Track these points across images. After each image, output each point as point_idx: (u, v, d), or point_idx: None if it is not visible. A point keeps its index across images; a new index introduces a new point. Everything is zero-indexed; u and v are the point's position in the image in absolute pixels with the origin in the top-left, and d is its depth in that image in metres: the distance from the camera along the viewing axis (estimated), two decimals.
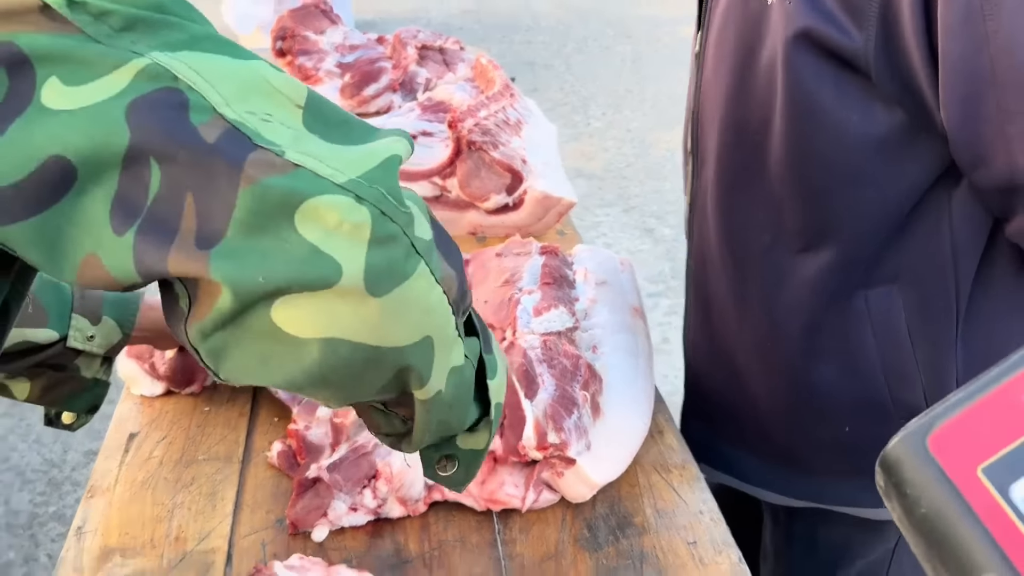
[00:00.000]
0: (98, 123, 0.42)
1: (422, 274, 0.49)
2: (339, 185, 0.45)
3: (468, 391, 0.59)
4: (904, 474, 0.36)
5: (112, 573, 0.87)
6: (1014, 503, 0.32)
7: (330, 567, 0.83)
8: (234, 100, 0.45)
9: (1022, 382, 0.35)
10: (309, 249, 0.45)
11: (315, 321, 0.46)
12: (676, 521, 0.91)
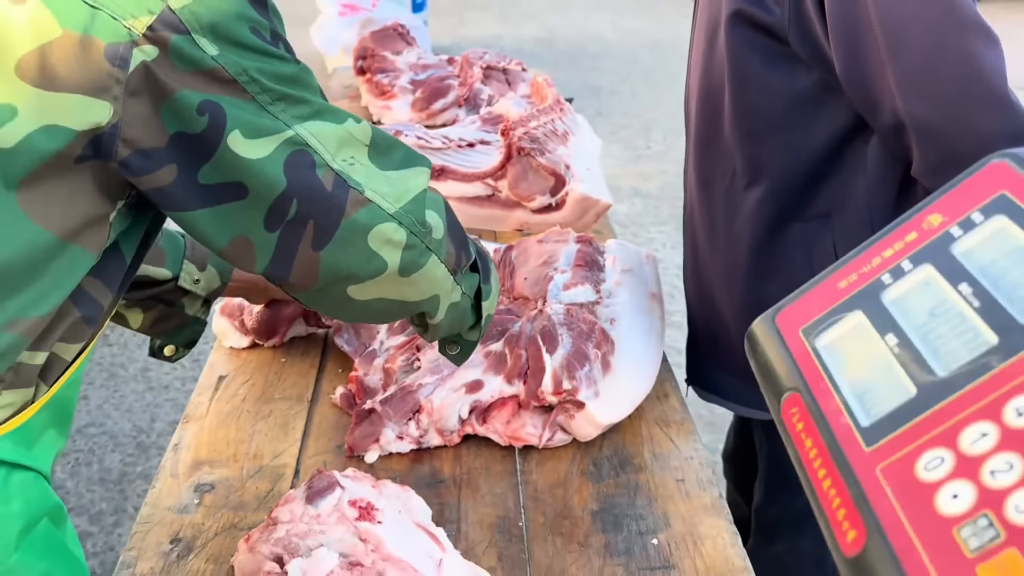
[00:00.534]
0: (266, 171, 0.69)
1: (432, 262, 0.82)
2: (391, 215, 0.76)
3: (464, 313, 0.93)
4: (758, 340, 0.53)
5: (201, 479, 1.07)
6: (816, 349, 0.48)
7: (378, 481, 1.01)
8: (337, 154, 0.73)
9: (841, 274, 0.52)
10: (372, 254, 0.76)
11: (370, 292, 0.80)
12: (669, 463, 1.07)
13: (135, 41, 0.62)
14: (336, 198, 0.73)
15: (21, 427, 0.71)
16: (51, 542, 0.76)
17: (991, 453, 0.36)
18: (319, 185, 0.71)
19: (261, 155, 0.68)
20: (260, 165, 0.68)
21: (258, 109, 0.68)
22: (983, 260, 0.44)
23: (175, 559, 0.95)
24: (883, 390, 0.42)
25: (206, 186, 0.69)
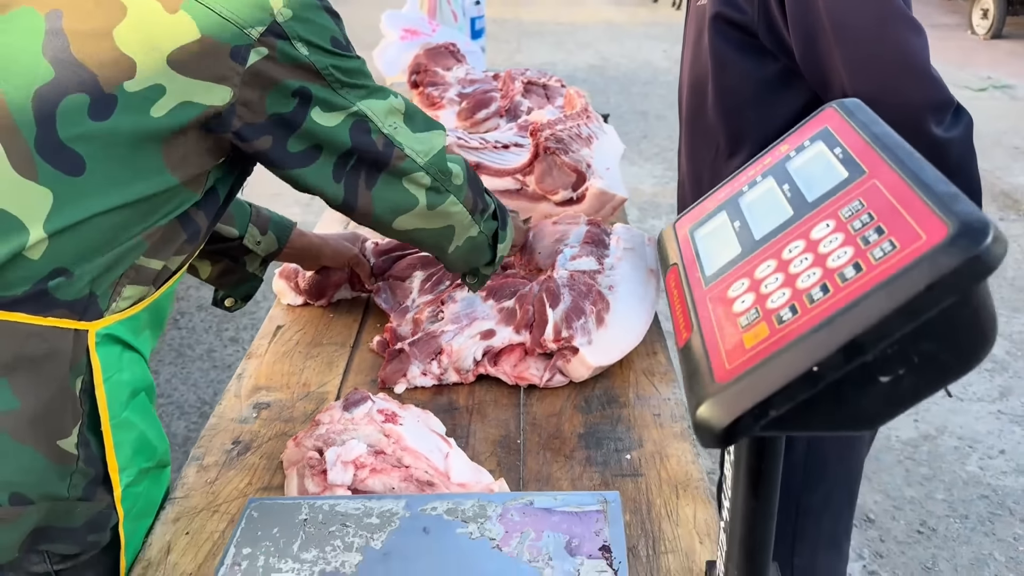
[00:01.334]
0: (337, 135, 0.96)
1: (451, 201, 1.09)
2: (420, 165, 1.04)
3: (481, 247, 1.19)
4: (663, 238, 0.73)
5: (259, 399, 1.29)
6: (694, 237, 0.68)
7: (403, 406, 1.22)
8: (386, 121, 1.00)
9: (720, 190, 0.71)
10: (407, 193, 1.05)
11: (408, 220, 1.07)
12: (649, 403, 1.26)
13: (252, 44, 0.86)
14: (384, 153, 1.01)
15: (133, 317, 0.94)
16: (147, 411, 0.98)
17: (768, 276, 0.55)
18: (374, 145, 0.99)
19: (334, 124, 0.95)
20: (333, 131, 0.95)
21: (332, 92, 0.94)
22: (802, 169, 0.63)
23: (235, 455, 1.17)
24: (723, 252, 0.62)
25: (293, 152, 0.95)
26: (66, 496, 0.88)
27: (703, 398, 0.51)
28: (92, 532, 0.92)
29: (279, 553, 0.86)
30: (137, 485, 0.97)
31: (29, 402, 0.85)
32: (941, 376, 0.49)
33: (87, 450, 0.90)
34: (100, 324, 0.90)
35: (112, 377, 0.91)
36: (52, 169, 0.83)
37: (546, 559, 0.83)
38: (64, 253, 0.86)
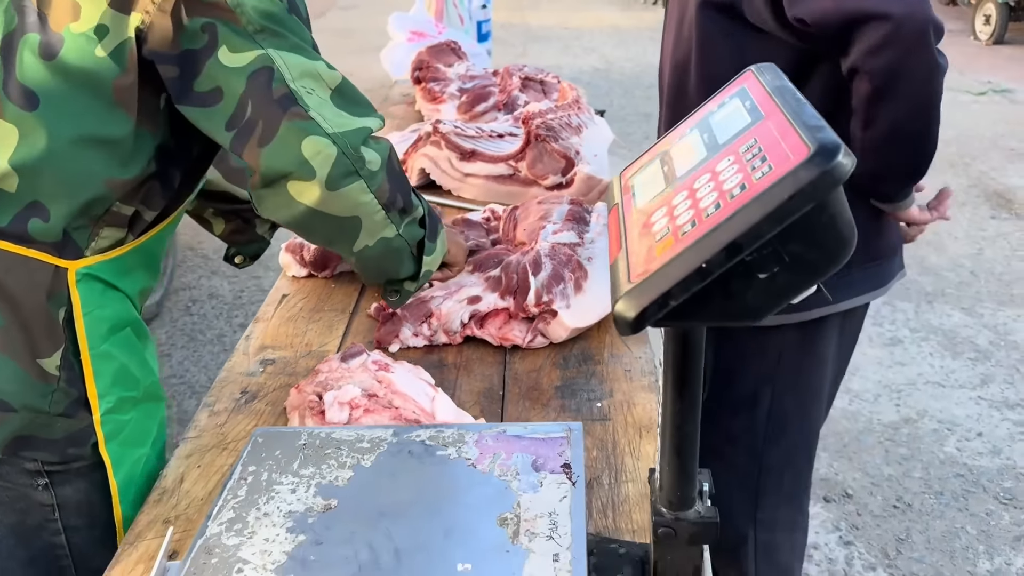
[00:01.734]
0: (237, 79, 0.94)
1: (359, 186, 1.00)
2: (327, 133, 0.96)
3: (399, 254, 1.11)
4: (611, 187, 0.84)
5: (265, 356, 1.41)
6: (632, 183, 0.79)
7: (396, 361, 1.34)
8: (296, 79, 0.96)
9: (658, 143, 0.82)
10: (302, 159, 0.96)
11: (304, 196, 0.98)
12: (622, 360, 1.37)
13: None
14: (280, 105, 0.94)
15: (116, 259, 1.05)
16: (131, 346, 1.09)
17: (680, 203, 0.67)
18: (269, 94, 0.95)
19: (238, 64, 0.94)
20: (235, 72, 0.94)
21: (243, 34, 0.94)
22: (721, 122, 0.74)
23: (243, 403, 1.29)
24: (652, 190, 0.73)
25: (198, 92, 0.96)
26: (47, 410, 1.01)
27: (620, 296, 0.62)
28: (71, 446, 1.04)
29: (280, 470, 0.98)
30: (120, 413, 1.08)
31: (12, 321, 0.98)
32: (810, 274, 0.60)
33: (70, 372, 1.02)
34: (80, 264, 1.01)
35: (92, 312, 1.03)
36: (14, 106, 0.94)
37: (514, 473, 0.95)
38: (35, 187, 0.97)
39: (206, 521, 0.91)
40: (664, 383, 0.75)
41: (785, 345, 1.47)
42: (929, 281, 3.77)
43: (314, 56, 0.99)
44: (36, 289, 0.98)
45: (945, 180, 4.94)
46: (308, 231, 1.05)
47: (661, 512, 0.81)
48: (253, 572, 0.84)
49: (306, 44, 0.98)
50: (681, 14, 1.51)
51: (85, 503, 1.09)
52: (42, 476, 1.05)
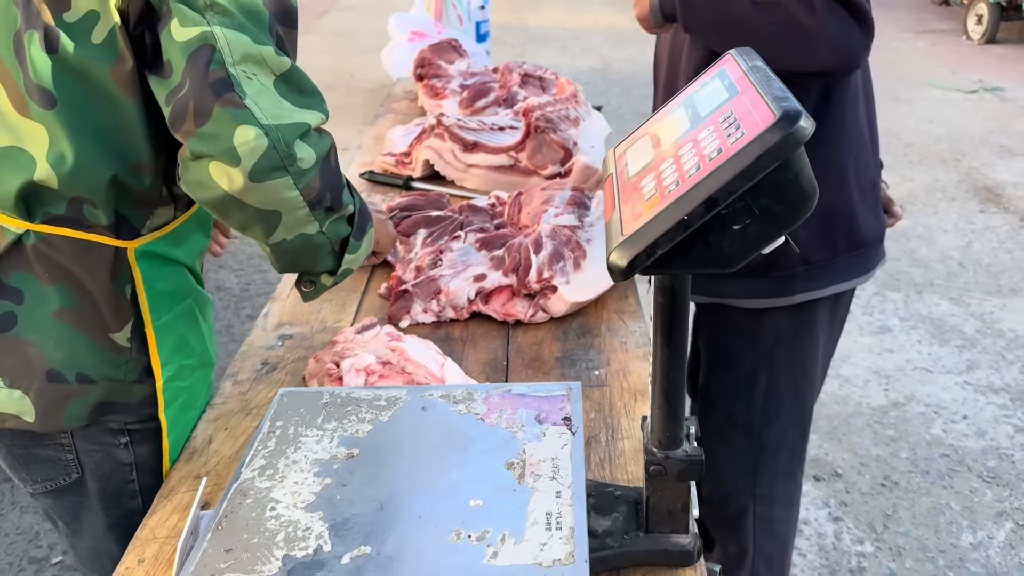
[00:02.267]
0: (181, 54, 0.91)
1: (284, 182, 0.95)
2: (261, 124, 0.92)
3: (317, 251, 1.07)
4: (606, 160, 0.93)
5: (282, 332, 1.50)
6: (625, 155, 0.89)
7: (403, 337, 1.43)
8: (237, 63, 0.91)
9: (649, 120, 0.91)
10: (232, 148, 0.91)
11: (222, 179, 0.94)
12: (618, 334, 1.46)
13: None
14: (213, 89, 0.90)
15: (172, 233, 1.13)
16: (191, 318, 1.19)
17: (667, 168, 0.76)
18: (205, 76, 0.90)
19: (182, 39, 0.91)
20: (179, 47, 0.91)
21: (196, 6, 0.91)
22: (703, 100, 0.84)
23: (264, 373, 1.38)
24: (642, 160, 0.82)
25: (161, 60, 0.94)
26: (122, 379, 1.11)
27: (613, 247, 0.72)
28: (146, 407, 1.14)
29: (305, 424, 1.07)
30: (181, 380, 1.17)
31: (86, 302, 1.06)
32: (778, 226, 0.69)
33: (139, 343, 1.11)
34: (137, 243, 1.09)
35: (153, 287, 1.11)
36: (36, 106, 0.97)
37: (519, 426, 1.04)
38: (73, 183, 1.00)
39: (239, 468, 1.00)
40: (653, 334, 0.85)
41: (780, 330, 1.56)
42: (918, 272, 3.87)
43: (263, 38, 0.94)
44: (100, 270, 1.05)
45: (935, 175, 5.04)
46: (223, 215, 0.99)
47: (653, 452, 0.90)
48: (285, 510, 0.93)
49: (259, 27, 0.94)
50: None
51: (159, 464, 1.18)
52: (124, 435, 1.14)
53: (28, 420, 1.08)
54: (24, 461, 1.15)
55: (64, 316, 1.06)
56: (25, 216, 1.03)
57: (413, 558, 0.85)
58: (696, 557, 0.95)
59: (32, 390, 1.07)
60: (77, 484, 1.17)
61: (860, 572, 2.21)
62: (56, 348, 1.06)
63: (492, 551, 0.85)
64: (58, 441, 1.13)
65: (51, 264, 1.05)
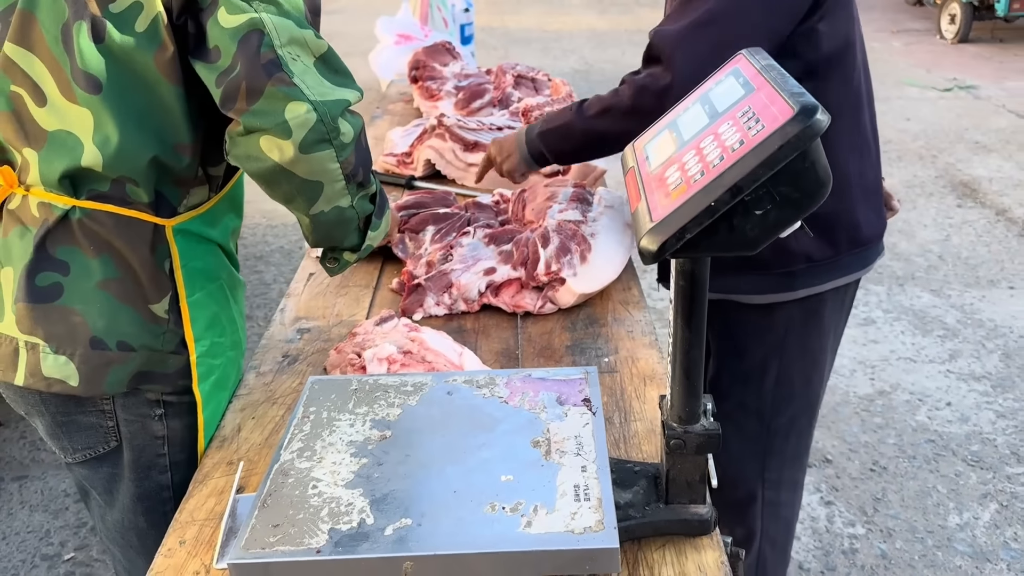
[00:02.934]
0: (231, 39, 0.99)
1: (328, 154, 1.05)
2: (309, 100, 1.01)
3: (347, 224, 1.16)
4: (624, 155, 0.99)
5: (300, 326, 1.55)
6: (646, 150, 0.95)
7: (420, 328, 1.48)
8: (284, 45, 1.01)
9: (674, 112, 0.97)
10: (284, 121, 1.00)
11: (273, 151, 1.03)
12: (624, 323, 1.52)
13: None
14: (265, 70, 0.99)
15: (207, 212, 1.19)
16: (222, 297, 1.23)
17: (690, 160, 0.82)
18: (257, 58, 0.99)
19: (231, 25, 0.99)
20: (229, 32, 0.99)
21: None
22: (719, 95, 0.90)
23: (286, 365, 1.43)
24: (663, 153, 0.89)
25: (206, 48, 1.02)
26: (160, 348, 1.16)
27: (644, 233, 0.78)
28: (181, 378, 1.19)
29: (337, 409, 1.12)
30: (213, 357, 1.22)
31: (127, 274, 1.13)
32: (795, 210, 0.75)
33: (176, 315, 1.17)
34: (175, 221, 1.15)
35: (188, 265, 1.17)
36: (82, 92, 1.03)
37: (541, 407, 1.10)
38: (118, 165, 1.06)
39: (278, 451, 1.05)
40: (674, 315, 0.91)
41: (790, 322, 1.62)
42: (900, 266, 3.97)
43: (304, 24, 1.03)
44: (141, 244, 1.12)
45: (913, 172, 5.16)
46: (271, 186, 1.08)
47: (673, 427, 0.96)
48: (326, 487, 0.98)
49: (298, 12, 1.03)
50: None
51: (189, 439, 1.23)
52: (159, 406, 1.19)
53: (72, 384, 1.13)
54: (67, 429, 1.20)
55: (107, 287, 1.12)
56: (72, 193, 1.10)
57: (453, 528, 0.91)
58: (713, 526, 1.01)
59: (77, 356, 1.12)
60: (114, 454, 1.22)
61: (852, 553, 2.29)
62: (99, 317, 1.12)
63: (526, 520, 0.91)
64: (100, 408, 1.18)
65: (96, 238, 1.11)
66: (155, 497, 1.23)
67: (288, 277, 3.66)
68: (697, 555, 0.99)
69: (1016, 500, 2.46)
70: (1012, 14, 8.31)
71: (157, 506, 1.24)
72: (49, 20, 1.03)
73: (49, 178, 1.08)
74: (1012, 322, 3.44)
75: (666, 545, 1.01)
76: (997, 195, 4.78)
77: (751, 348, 1.66)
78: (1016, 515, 2.40)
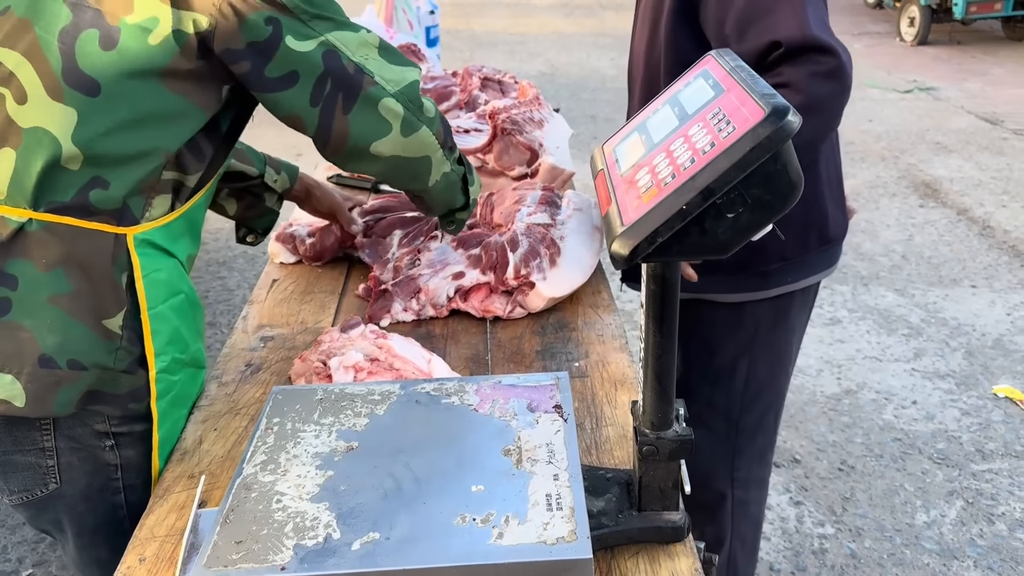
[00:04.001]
0: (311, 59, 1.10)
1: (424, 131, 1.20)
2: (392, 94, 1.16)
3: (455, 186, 1.33)
4: (594, 156, 0.97)
5: (263, 334, 1.52)
6: (615, 151, 0.93)
7: (388, 335, 1.45)
8: (356, 51, 1.13)
9: (635, 117, 0.96)
10: (381, 119, 1.16)
11: (384, 146, 1.17)
12: (594, 328, 1.51)
13: None
14: (355, 78, 1.13)
15: (167, 226, 1.15)
16: (183, 313, 1.20)
17: (660, 162, 0.81)
18: (345, 70, 1.12)
19: (307, 49, 1.09)
20: (307, 55, 1.10)
21: (301, 24, 1.08)
22: (689, 97, 0.89)
23: (249, 374, 1.39)
24: (633, 155, 0.87)
25: (271, 77, 1.10)
26: (112, 367, 1.12)
27: (615, 237, 0.76)
28: (132, 401, 1.15)
29: (302, 420, 1.09)
30: (173, 373, 1.19)
31: (80, 288, 1.09)
32: (768, 213, 0.74)
33: (131, 332, 1.12)
34: (137, 230, 1.12)
35: (150, 275, 1.13)
36: (74, 92, 1.04)
37: (512, 415, 1.08)
38: (99, 163, 1.07)
39: (241, 464, 1.02)
40: (645, 319, 0.89)
41: (761, 319, 1.63)
42: (864, 266, 4.01)
43: (355, 27, 1.14)
44: (101, 255, 1.08)
45: (876, 172, 5.22)
46: (392, 177, 1.24)
47: (645, 433, 0.95)
48: (291, 501, 0.95)
49: (346, 18, 1.13)
50: (655, 21, 1.62)
51: (144, 465, 1.19)
52: (109, 437, 1.15)
53: (18, 405, 1.08)
54: (2, 468, 1.15)
55: (58, 301, 1.08)
56: (30, 204, 1.06)
57: (422, 541, 0.88)
58: (686, 533, 1.00)
59: (24, 375, 1.08)
60: (54, 497, 1.18)
61: (822, 553, 2.30)
62: (49, 333, 1.08)
63: (497, 532, 0.89)
64: (39, 446, 1.13)
65: (50, 251, 1.07)
66: (112, 521, 1.19)
67: (252, 283, 3.61)
68: (671, 562, 0.98)
69: (981, 497, 2.49)
70: (969, 17, 8.47)
71: (117, 531, 1.20)
72: (47, 26, 1.04)
73: (23, 181, 1.05)
74: (974, 320, 3.49)
75: (639, 553, 0.99)
76: (958, 195, 4.86)
77: (722, 347, 1.66)
78: (981, 512, 2.43)
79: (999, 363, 3.18)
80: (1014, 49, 8.58)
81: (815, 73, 1.38)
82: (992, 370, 3.13)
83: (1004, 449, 2.69)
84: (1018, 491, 2.51)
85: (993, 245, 4.21)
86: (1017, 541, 2.32)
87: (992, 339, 3.35)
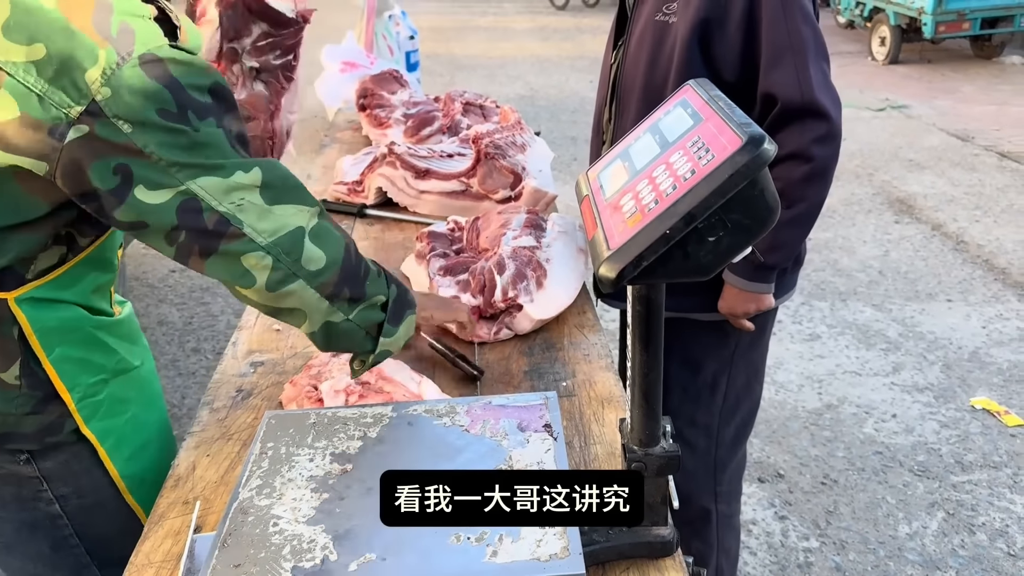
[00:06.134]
0: (162, 213, 0.95)
1: (298, 285, 1.04)
2: (262, 246, 1.00)
3: (351, 336, 1.13)
4: (579, 182, 1.01)
5: (253, 359, 1.53)
6: (599, 177, 0.97)
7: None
8: (224, 199, 0.97)
9: (619, 143, 1.00)
10: (244, 271, 1.01)
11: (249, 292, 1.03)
12: (580, 347, 1.54)
13: (72, 123, 0.90)
14: (215, 231, 0.98)
15: (57, 279, 1.11)
16: (89, 342, 1.16)
17: (643, 188, 0.84)
18: (202, 223, 0.97)
19: (160, 202, 0.95)
20: (158, 208, 0.95)
21: (158, 170, 0.94)
22: (669, 125, 0.92)
23: (240, 400, 1.41)
24: (617, 182, 0.91)
25: (122, 220, 0.97)
26: (15, 412, 1.12)
27: (602, 261, 0.79)
28: (47, 435, 1.15)
29: (296, 444, 1.11)
30: (93, 396, 1.18)
31: None
32: (747, 236, 0.78)
33: (31, 378, 1.11)
34: (19, 292, 1.08)
35: (41, 327, 1.10)
36: None
37: (503, 435, 1.10)
38: None
39: (237, 489, 1.04)
40: (632, 340, 0.92)
41: (741, 337, 1.67)
42: (842, 282, 4.07)
43: (232, 167, 0.99)
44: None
45: (851, 190, 5.31)
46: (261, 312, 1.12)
47: (633, 450, 0.98)
48: (287, 524, 0.97)
49: (219, 156, 0.98)
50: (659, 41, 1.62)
51: (69, 473, 1.19)
52: (21, 453, 1.15)
53: None
54: None
55: None
56: None
57: (418, 561, 0.90)
58: (675, 547, 1.02)
59: None
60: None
61: (808, 567, 2.33)
62: None
63: (491, 550, 0.91)
64: None
65: None
66: (48, 525, 1.20)
67: (236, 308, 3.61)
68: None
69: (962, 508, 2.53)
70: (938, 36, 8.65)
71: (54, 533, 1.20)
72: None
73: None
74: (951, 333, 3.56)
75: (630, 569, 1.01)
76: (932, 210, 4.95)
77: (704, 365, 1.70)
78: (962, 523, 2.47)
79: (976, 375, 3.23)
80: (983, 67, 8.77)
81: (816, 139, 1.45)
82: (969, 382, 3.19)
83: (983, 460, 2.74)
84: (997, 501, 2.55)
85: (967, 259, 4.29)
86: (998, 551, 2.36)
87: (968, 352, 3.41)
